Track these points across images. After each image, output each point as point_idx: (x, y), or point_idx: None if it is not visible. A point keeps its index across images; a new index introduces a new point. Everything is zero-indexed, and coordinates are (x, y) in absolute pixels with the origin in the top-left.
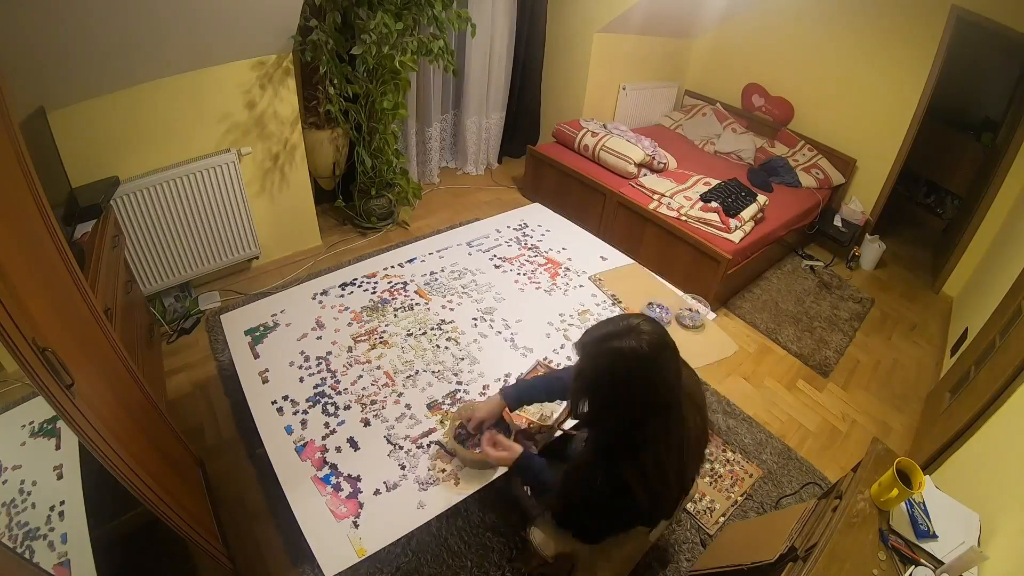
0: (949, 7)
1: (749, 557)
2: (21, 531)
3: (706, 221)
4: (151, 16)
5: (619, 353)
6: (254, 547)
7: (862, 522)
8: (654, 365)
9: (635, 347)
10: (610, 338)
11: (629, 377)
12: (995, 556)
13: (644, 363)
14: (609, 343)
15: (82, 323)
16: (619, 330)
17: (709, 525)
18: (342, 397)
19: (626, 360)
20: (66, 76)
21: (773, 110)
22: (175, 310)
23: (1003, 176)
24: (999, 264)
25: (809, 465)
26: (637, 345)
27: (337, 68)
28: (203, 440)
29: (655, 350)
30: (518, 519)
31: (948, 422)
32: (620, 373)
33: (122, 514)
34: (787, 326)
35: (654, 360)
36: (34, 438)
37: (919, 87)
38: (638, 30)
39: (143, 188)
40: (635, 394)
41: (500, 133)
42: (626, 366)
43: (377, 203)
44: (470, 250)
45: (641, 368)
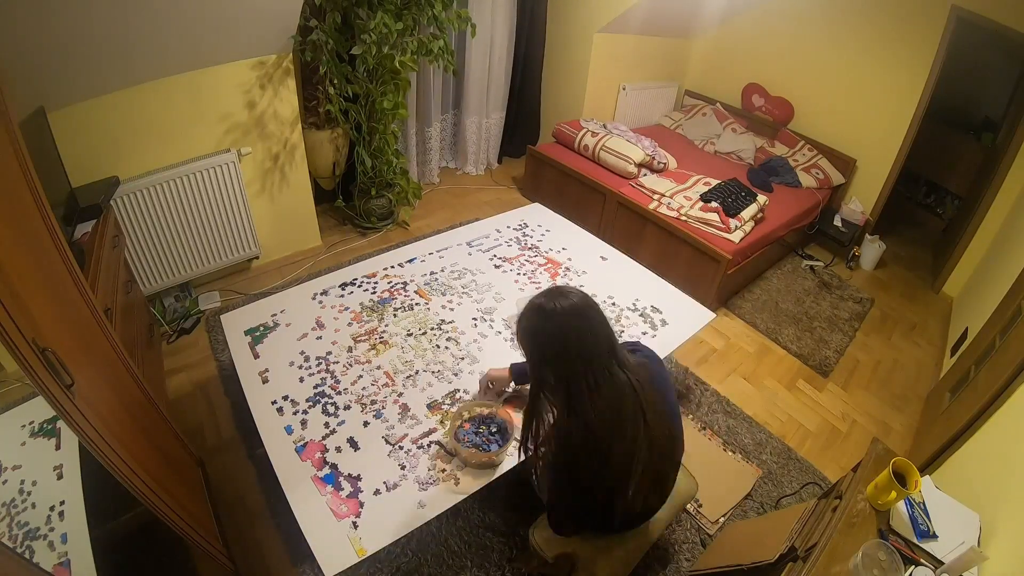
0: (949, 7)
1: (749, 557)
2: (21, 531)
3: (706, 221)
4: (151, 16)
5: (540, 308)
6: (254, 547)
7: (862, 522)
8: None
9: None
10: (536, 297)
11: (545, 328)
12: (995, 556)
13: (555, 318)
14: (534, 301)
15: (82, 323)
16: (545, 291)
17: (709, 525)
18: (342, 397)
19: (546, 313)
20: (66, 76)
21: (773, 110)
22: (175, 310)
23: (1003, 176)
24: (999, 264)
25: (809, 465)
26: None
27: (337, 68)
28: (203, 440)
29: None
30: (518, 519)
31: (948, 422)
32: (541, 325)
33: (122, 514)
34: (787, 326)
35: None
36: (34, 438)
37: (919, 87)
38: (638, 30)
39: (143, 188)
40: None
41: (500, 133)
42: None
43: (377, 203)
44: (470, 250)
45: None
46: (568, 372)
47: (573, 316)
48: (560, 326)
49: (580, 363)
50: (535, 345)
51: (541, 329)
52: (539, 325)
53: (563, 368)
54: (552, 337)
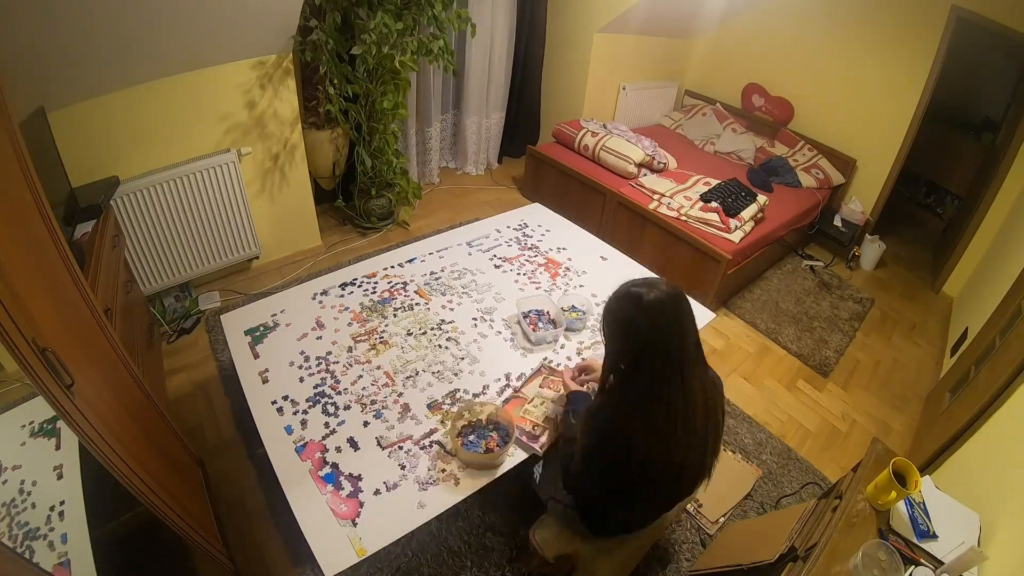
0: (949, 7)
1: (749, 557)
2: (21, 531)
3: (706, 221)
4: (151, 16)
5: (634, 296)
6: (254, 547)
7: (862, 522)
8: (667, 311)
9: (647, 293)
10: (631, 285)
11: (639, 318)
12: (995, 556)
13: (655, 306)
14: (629, 288)
15: (82, 323)
16: (640, 280)
17: (709, 525)
18: (342, 397)
19: (640, 302)
20: (66, 76)
21: (773, 110)
22: (175, 310)
23: (1003, 176)
24: (999, 264)
25: (809, 465)
26: (650, 292)
27: (337, 68)
28: (203, 440)
29: (670, 298)
30: (519, 519)
31: (948, 422)
32: (633, 314)
33: (122, 514)
34: (787, 326)
35: (666, 306)
36: (34, 438)
37: (919, 87)
38: (638, 30)
39: (143, 188)
40: (644, 335)
41: (500, 133)
42: (640, 307)
43: (377, 203)
44: (470, 250)
45: (653, 312)
46: (646, 362)
47: (663, 310)
48: (650, 317)
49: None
50: (620, 330)
51: (630, 316)
52: (629, 312)
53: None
54: (639, 326)
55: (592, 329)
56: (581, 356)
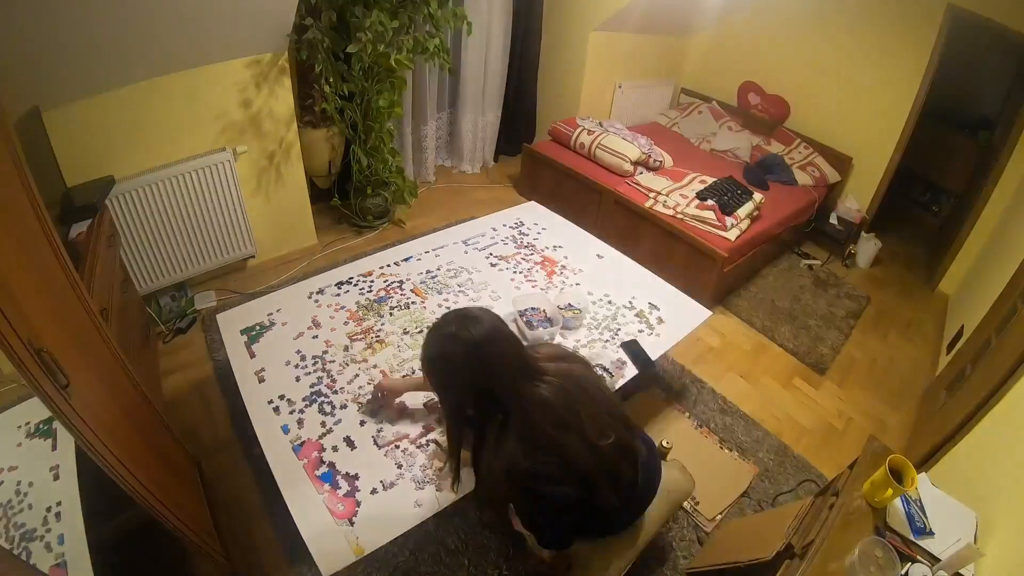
0: (945, 6)
1: (746, 555)
2: (18, 532)
3: (702, 219)
4: (146, 15)
5: (448, 337)
6: (251, 547)
7: (859, 519)
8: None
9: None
10: (441, 325)
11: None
12: (992, 553)
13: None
14: (441, 330)
15: (78, 323)
16: (450, 317)
17: (706, 523)
18: (338, 396)
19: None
20: (61, 75)
21: (769, 108)
22: (171, 310)
23: (999, 174)
24: (995, 262)
25: (806, 462)
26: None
27: (333, 67)
28: (200, 440)
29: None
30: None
31: (944, 419)
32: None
33: (119, 515)
34: (783, 324)
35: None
36: (30, 439)
37: (915, 85)
38: (634, 28)
39: (138, 187)
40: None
41: (496, 131)
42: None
43: (373, 202)
44: (466, 248)
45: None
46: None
47: (489, 341)
48: (482, 355)
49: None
50: (458, 378)
51: (462, 361)
52: (458, 355)
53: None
54: (471, 364)
55: (589, 327)
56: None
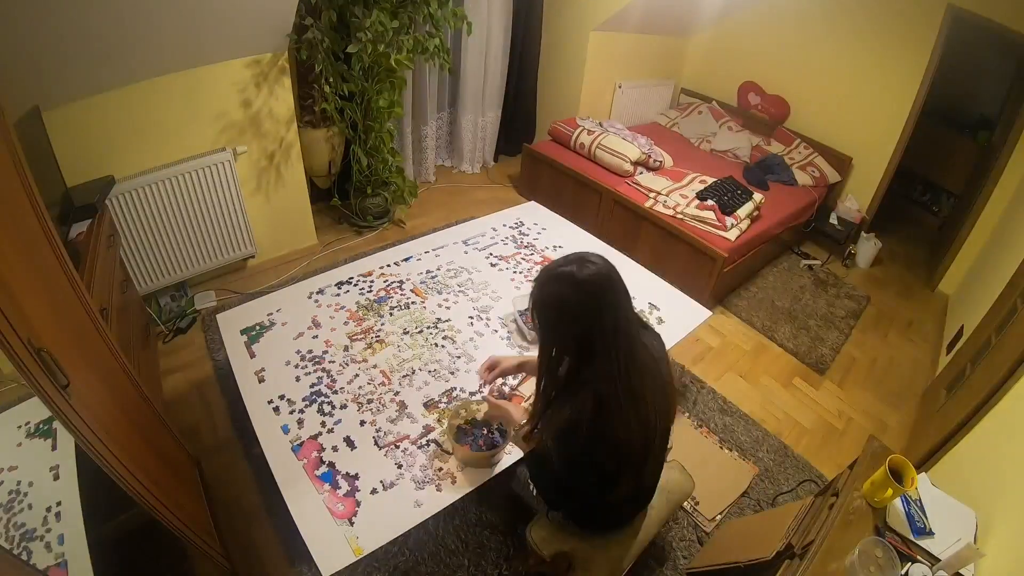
0: (945, 6)
1: (746, 555)
2: (18, 532)
3: (702, 219)
4: (146, 15)
5: (566, 276)
6: (251, 547)
7: (859, 519)
8: (599, 291)
9: (578, 271)
10: (558, 266)
11: (570, 298)
12: (992, 553)
13: (586, 286)
14: (558, 268)
15: (78, 323)
16: (569, 258)
17: (706, 523)
18: (338, 396)
19: (575, 280)
20: (61, 75)
21: (769, 108)
22: (171, 310)
23: (999, 174)
24: (995, 261)
25: (806, 463)
26: (582, 268)
27: (333, 67)
28: (200, 440)
29: (601, 277)
30: (515, 517)
31: (944, 419)
32: (564, 294)
33: (119, 515)
34: (783, 324)
35: (599, 286)
36: (30, 439)
37: (915, 85)
38: (634, 28)
39: (138, 187)
40: (587, 316)
41: (496, 131)
42: (576, 287)
43: (373, 202)
44: (466, 248)
45: (584, 291)
46: (597, 344)
47: (603, 283)
48: (591, 294)
49: (610, 334)
50: (567, 318)
51: (576, 301)
52: (567, 294)
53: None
54: (582, 306)
55: None
56: None
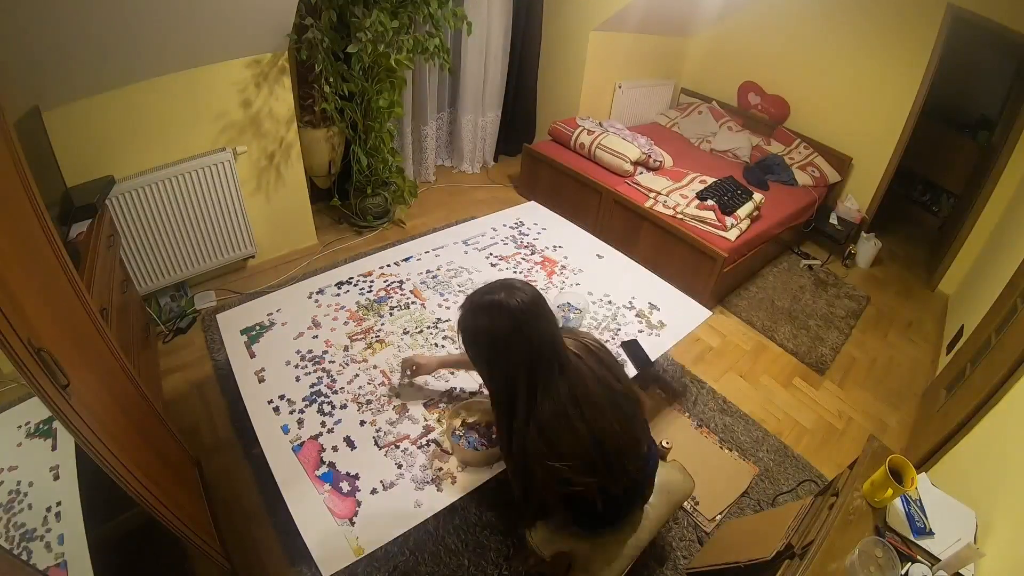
0: (945, 6)
1: (746, 555)
2: (18, 532)
3: (702, 219)
4: (146, 15)
5: (499, 306)
6: (252, 547)
7: (858, 519)
8: (527, 317)
9: (507, 299)
10: (486, 292)
11: (501, 328)
12: (992, 553)
13: (516, 316)
14: (485, 297)
15: (78, 323)
16: (494, 286)
17: (706, 523)
18: (338, 396)
19: (500, 312)
20: (61, 75)
21: (769, 108)
22: (171, 310)
23: (999, 174)
24: (995, 261)
25: (806, 463)
26: (510, 297)
27: (333, 67)
28: (200, 440)
29: (531, 304)
30: (515, 518)
31: (944, 419)
32: (495, 325)
33: (119, 515)
34: (783, 324)
35: (531, 313)
36: (30, 439)
37: (915, 85)
38: (634, 28)
39: (138, 187)
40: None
41: (496, 131)
42: (500, 318)
43: (373, 202)
44: (466, 248)
45: (513, 320)
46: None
47: (534, 310)
48: (523, 323)
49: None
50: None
51: (503, 328)
52: (500, 324)
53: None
54: (517, 336)
55: (589, 327)
56: None
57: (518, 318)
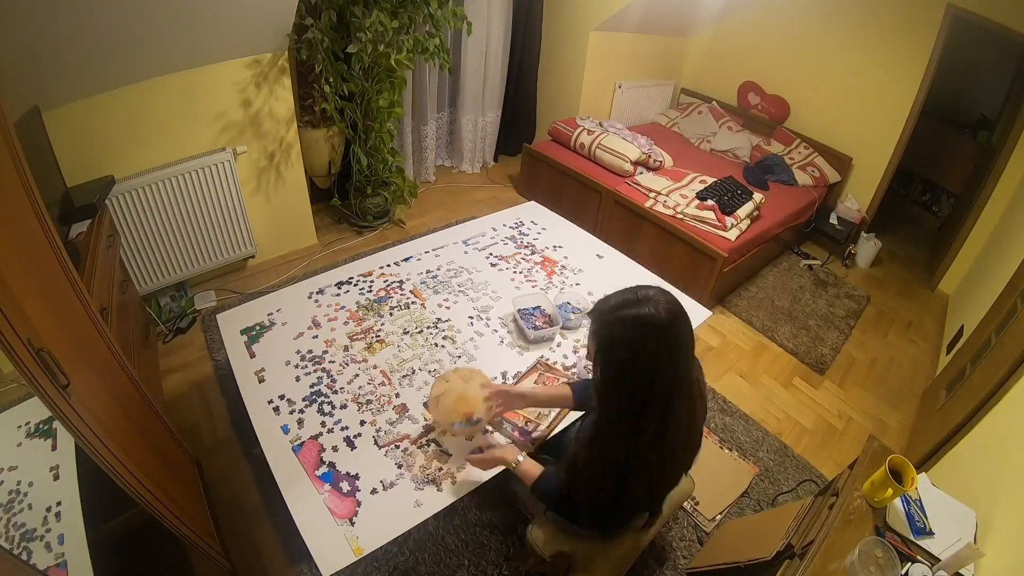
0: (945, 6)
1: (746, 555)
2: (17, 532)
3: (702, 219)
4: (147, 15)
5: (636, 320)
6: (251, 547)
7: (859, 519)
8: (670, 333)
9: (652, 314)
10: (625, 306)
11: (645, 344)
12: (992, 553)
13: (660, 331)
14: (624, 311)
15: (78, 323)
16: (635, 299)
17: (706, 523)
18: (338, 396)
19: (643, 327)
20: (61, 75)
21: (769, 108)
22: (171, 310)
23: (999, 174)
24: (995, 261)
25: (805, 463)
26: (654, 312)
27: (333, 67)
28: (200, 440)
29: (672, 317)
30: (515, 517)
31: (944, 419)
32: (637, 339)
33: (119, 515)
34: (783, 324)
35: (670, 327)
36: (30, 439)
37: (915, 85)
38: (634, 28)
39: (138, 187)
40: (649, 363)
41: (496, 131)
42: (643, 333)
43: (373, 202)
44: (466, 248)
45: (657, 336)
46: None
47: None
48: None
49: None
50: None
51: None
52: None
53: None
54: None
55: (587, 327)
56: (577, 354)
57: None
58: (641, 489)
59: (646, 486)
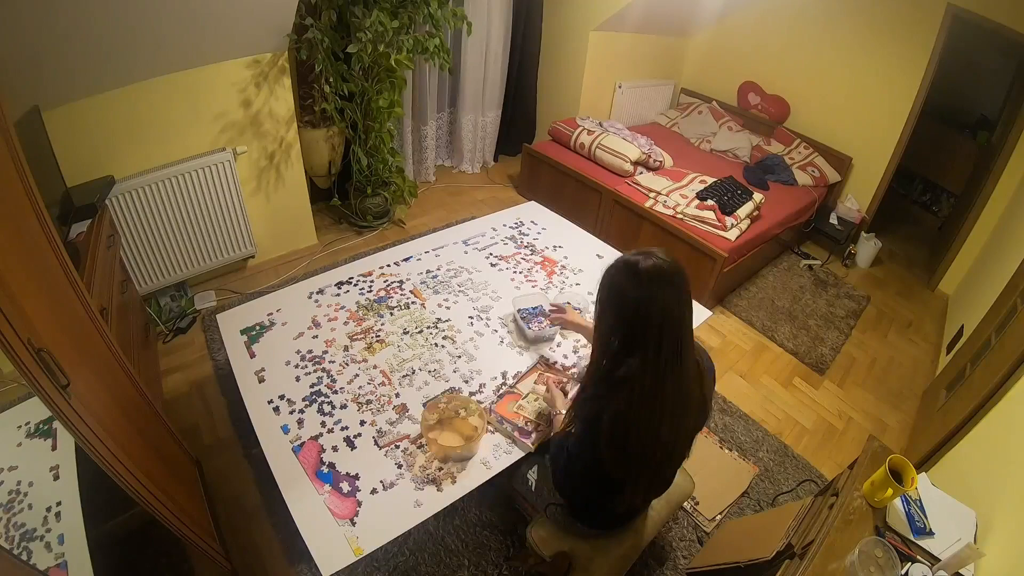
0: (945, 6)
1: (746, 555)
2: (18, 532)
3: (702, 219)
4: (147, 14)
5: (622, 261)
6: (251, 546)
7: (859, 519)
8: (649, 277)
9: (637, 260)
10: (630, 254)
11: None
12: (992, 553)
13: (639, 274)
14: (625, 256)
15: (78, 323)
16: (638, 251)
17: (706, 523)
18: (338, 396)
19: (626, 266)
20: (61, 75)
21: (769, 108)
22: (171, 309)
23: (999, 174)
24: (995, 261)
25: (805, 463)
26: (640, 259)
27: (333, 66)
28: (200, 440)
29: (656, 268)
30: (515, 517)
31: (944, 419)
32: (617, 276)
33: (119, 515)
34: (783, 324)
35: (651, 272)
36: (30, 439)
37: (915, 85)
38: (634, 28)
39: (138, 187)
40: (637, 305)
41: (496, 131)
42: (625, 272)
43: (373, 202)
44: (466, 248)
45: (637, 277)
46: (639, 335)
47: (660, 277)
48: (645, 284)
49: (654, 329)
50: (611, 298)
51: (624, 283)
52: (624, 279)
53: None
54: (635, 292)
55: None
56: (577, 354)
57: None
58: (613, 463)
59: (637, 450)
